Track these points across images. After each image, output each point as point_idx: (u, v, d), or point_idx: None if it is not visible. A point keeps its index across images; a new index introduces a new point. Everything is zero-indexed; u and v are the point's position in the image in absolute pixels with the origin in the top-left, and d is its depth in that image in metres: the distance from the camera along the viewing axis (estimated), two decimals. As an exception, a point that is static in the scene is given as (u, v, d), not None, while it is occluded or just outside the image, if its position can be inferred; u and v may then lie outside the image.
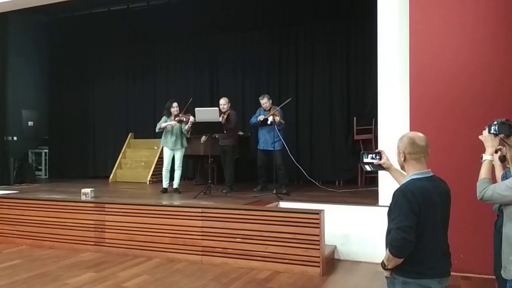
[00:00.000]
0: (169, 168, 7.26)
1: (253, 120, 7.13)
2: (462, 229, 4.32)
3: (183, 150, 7.27)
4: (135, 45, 10.22)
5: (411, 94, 4.94)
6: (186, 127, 7.07)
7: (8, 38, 9.81)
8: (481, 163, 2.82)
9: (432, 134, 4.45)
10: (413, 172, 2.35)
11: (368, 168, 2.65)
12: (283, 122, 6.91)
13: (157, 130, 7.26)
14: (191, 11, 9.33)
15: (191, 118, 6.99)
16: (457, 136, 4.65)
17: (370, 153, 2.63)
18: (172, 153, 7.22)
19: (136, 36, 10.03)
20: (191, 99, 7.12)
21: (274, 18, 8.95)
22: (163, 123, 7.12)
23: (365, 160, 2.63)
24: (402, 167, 2.44)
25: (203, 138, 7.15)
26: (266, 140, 7.01)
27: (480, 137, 2.94)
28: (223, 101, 7.08)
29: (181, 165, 7.27)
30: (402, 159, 2.39)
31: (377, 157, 2.61)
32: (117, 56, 10.41)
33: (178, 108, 7.13)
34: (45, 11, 8.87)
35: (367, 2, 6.74)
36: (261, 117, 6.89)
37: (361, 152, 2.65)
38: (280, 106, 6.98)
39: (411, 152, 2.35)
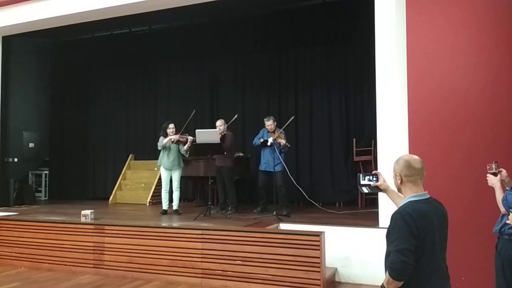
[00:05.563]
0: (167, 189, 7.26)
1: (256, 141, 7.17)
2: (463, 251, 4.29)
3: (180, 170, 7.27)
4: (136, 68, 10.35)
5: (410, 123, 4.93)
6: (185, 147, 7.09)
7: (11, 61, 9.92)
8: None
9: (434, 159, 4.49)
10: (410, 194, 2.37)
11: (365, 190, 2.66)
12: (289, 145, 6.95)
13: (159, 148, 7.23)
14: (192, 35, 9.47)
15: (190, 138, 7.03)
16: (460, 160, 4.63)
17: (367, 175, 2.65)
18: (169, 174, 7.22)
19: (137, 59, 10.16)
20: (194, 111, 7.19)
21: (273, 41, 9.08)
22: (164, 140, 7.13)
23: (362, 182, 2.64)
24: (399, 190, 2.46)
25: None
26: (268, 162, 7.02)
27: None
28: (219, 123, 7.17)
29: (179, 186, 7.27)
30: (399, 181, 2.41)
31: (374, 178, 2.63)
32: (118, 78, 10.53)
33: (174, 130, 7.16)
34: (48, 34, 8.99)
35: (365, 25, 6.84)
36: (261, 140, 6.96)
37: (358, 174, 2.67)
38: (282, 128, 7.01)
39: (407, 174, 2.37)
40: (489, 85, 4.63)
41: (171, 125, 7.19)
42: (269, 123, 7.05)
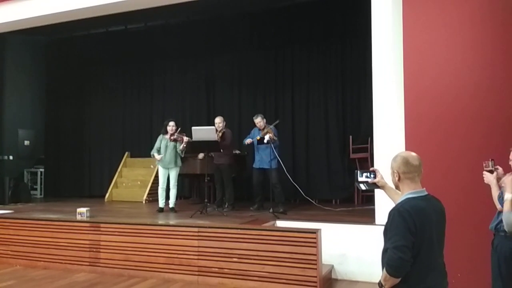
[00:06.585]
0: (164, 187, 7.26)
1: (244, 141, 7.22)
2: (460, 248, 4.31)
3: (178, 169, 7.28)
4: (132, 65, 10.31)
5: (406, 120, 4.95)
6: (181, 146, 7.10)
7: (6, 58, 9.87)
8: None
9: (430, 156, 4.50)
10: (408, 191, 2.37)
11: (362, 187, 2.66)
12: (276, 139, 6.96)
13: (151, 156, 7.33)
14: (188, 32, 9.45)
15: (185, 138, 7.04)
16: (456, 158, 4.65)
17: (365, 172, 2.66)
18: (166, 172, 7.23)
19: (133, 56, 10.12)
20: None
21: (270, 38, 9.06)
22: (156, 152, 7.18)
23: (359, 179, 2.65)
24: (397, 187, 2.46)
25: (201, 155, 7.28)
26: (261, 158, 7.04)
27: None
28: (218, 120, 7.18)
29: (176, 184, 7.28)
30: (397, 178, 2.41)
31: (372, 175, 2.64)
32: (114, 76, 10.50)
33: (174, 127, 7.17)
34: (43, 31, 8.95)
35: (362, 22, 6.83)
36: (248, 141, 7.05)
37: (356, 170, 2.67)
38: (273, 124, 7.05)
39: (405, 171, 2.37)
40: (484, 82, 4.65)
41: (171, 123, 7.21)
42: (258, 120, 7.10)
